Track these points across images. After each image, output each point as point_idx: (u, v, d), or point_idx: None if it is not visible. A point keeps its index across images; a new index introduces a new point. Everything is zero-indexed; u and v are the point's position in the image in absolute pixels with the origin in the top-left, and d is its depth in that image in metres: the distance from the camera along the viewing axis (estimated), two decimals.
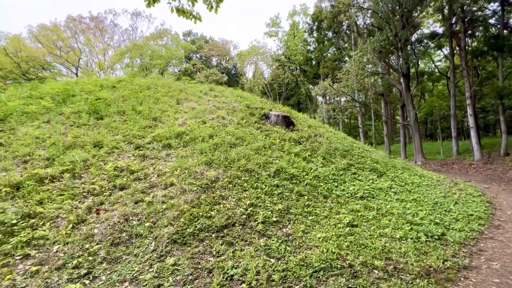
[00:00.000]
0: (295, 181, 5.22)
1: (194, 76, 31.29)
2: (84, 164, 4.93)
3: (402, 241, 3.71)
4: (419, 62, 31.61)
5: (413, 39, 19.88)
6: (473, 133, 15.61)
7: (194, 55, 36.39)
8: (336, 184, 5.60)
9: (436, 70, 27.61)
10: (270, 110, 9.96)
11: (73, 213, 3.60)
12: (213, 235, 3.39)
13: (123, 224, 3.46)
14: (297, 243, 3.39)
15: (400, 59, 17.81)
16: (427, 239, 3.85)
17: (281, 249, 3.22)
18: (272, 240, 3.38)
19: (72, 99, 8.38)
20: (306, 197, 4.67)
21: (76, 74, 28.60)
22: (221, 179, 4.81)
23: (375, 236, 3.76)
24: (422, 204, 5.51)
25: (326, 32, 29.31)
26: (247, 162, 5.54)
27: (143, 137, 6.34)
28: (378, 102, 25.73)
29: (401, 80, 18.00)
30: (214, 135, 6.64)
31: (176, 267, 2.85)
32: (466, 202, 6.27)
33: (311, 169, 5.89)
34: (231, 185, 4.64)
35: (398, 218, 4.49)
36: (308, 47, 30.24)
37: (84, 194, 4.14)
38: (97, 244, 3.11)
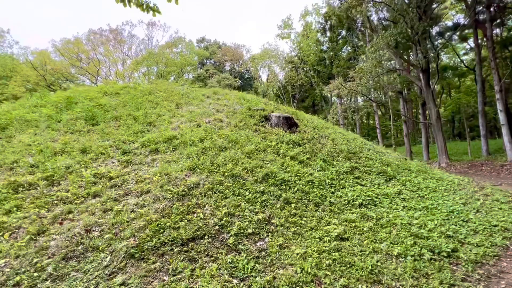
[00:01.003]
0: (284, 187, 4.75)
1: (206, 81, 31.60)
2: (66, 171, 4.82)
3: (400, 259, 3.12)
4: (443, 57, 29.62)
5: (434, 32, 18.55)
6: (505, 130, 14.06)
7: (207, 61, 36.86)
8: (333, 190, 5.04)
9: (462, 64, 25.65)
10: (272, 112, 9.55)
11: (36, 223, 3.42)
12: (176, 249, 3.03)
13: (83, 235, 3.21)
14: (269, 261, 2.93)
15: (419, 54, 16.62)
16: (433, 257, 3.21)
17: (248, 268, 2.78)
18: (241, 256, 2.95)
19: (74, 106, 8.49)
20: (293, 205, 4.18)
21: (96, 84, 29.99)
22: (202, 185, 4.47)
23: (367, 252, 3.20)
24: (435, 212, 4.78)
25: (340, 30, 28.39)
26: (234, 166, 5.16)
27: (133, 142, 6.19)
28: (397, 101, 24.29)
29: (421, 76, 16.77)
30: (205, 139, 6.34)
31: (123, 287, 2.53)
32: (490, 210, 5.40)
33: (306, 173, 5.37)
34: (211, 192, 4.28)
35: (400, 230, 3.86)
36: (321, 47, 29.43)
37: (56, 202, 3.98)
38: (48, 258, 2.87)
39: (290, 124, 8.68)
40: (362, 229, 3.75)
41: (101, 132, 6.66)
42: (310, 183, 5.01)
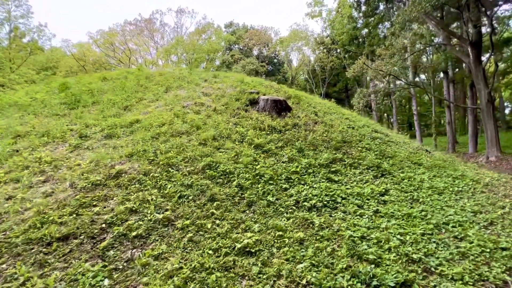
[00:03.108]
0: (222, 180, 4.00)
1: (232, 67, 31.09)
2: (12, 154, 4.77)
3: None
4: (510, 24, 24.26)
5: None
6: None
7: (235, 46, 36.14)
8: (287, 186, 4.12)
9: None
10: (264, 95, 8.64)
11: None
12: (36, 249, 2.60)
13: None
14: (125, 276, 2.31)
15: (469, 25, 13.57)
16: None
17: (88, 283, 2.20)
18: (94, 267, 2.38)
19: (67, 91, 8.67)
20: (216, 203, 3.44)
21: None
22: (127, 174, 3.98)
23: (266, 276, 2.36)
24: (417, 223, 3.58)
25: (377, 3, 25.01)
26: (176, 154, 4.55)
27: (96, 126, 5.99)
28: (440, 81, 20.69)
29: (469, 50, 13.78)
30: (165, 124, 5.83)
31: None
32: None
33: (259, 165, 4.51)
34: (129, 183, 3.77)
35: (342, 246, 2.87)
36: (355, 24, 26.37)
37: None
38: None
39: (280, 108, 7.70)
40: (286, 241, 2.86)
41: (74, 116, 6.62)
42: (258, 177, 4.16)
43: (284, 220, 3.26)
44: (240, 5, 63.40)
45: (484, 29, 16.16)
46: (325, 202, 3.80)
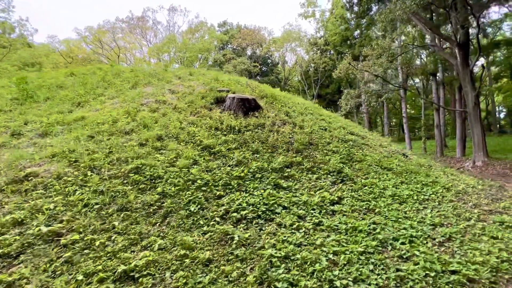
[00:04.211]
0: (145, 185, 3.51)
1: (223, 66, 30.62)
2: None
3: None
4: (506, 28, 24.03)
5: None
6: None
7: (227, 46, 35.68)
8: (222, 193, 3.63)
9: None
10: (234, 93, 8.18)
11: None
12: None
13: None
14: None
15: (458, 24, 13.18)
16: None
17: None
18: None
19: (24, 86, 8.16)
20: (124, 214, 2.95)
21: None
22: (38, 177, 3.48)
23: None
24: (362, 239, 3.10)
25: (369, 4, 24.68)
26: (104, 156, 4.06)
27: (36, 123, 5.49)
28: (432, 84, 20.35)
29: (456, 52, 13.41)
30: (110, 122, 5.33)
31: None
32: (475, 239, 3.47)
33: (199, 168, 4.03)
34: (33, 188, 3.26)
35: (253, 268, 2.39)
36: (347, 25, 26.02)
37: None
38: None
39: (247, 107, 7.23)
40: (188, 262, 2.37)
41: (18, 112, 6.12)
42: (189, 182, 3.67)
43: (199, 235, 2.77)
44: (237, 4, 62.84)
45: (476, 31, 15.84)
46: (260, 213, 3.31)
